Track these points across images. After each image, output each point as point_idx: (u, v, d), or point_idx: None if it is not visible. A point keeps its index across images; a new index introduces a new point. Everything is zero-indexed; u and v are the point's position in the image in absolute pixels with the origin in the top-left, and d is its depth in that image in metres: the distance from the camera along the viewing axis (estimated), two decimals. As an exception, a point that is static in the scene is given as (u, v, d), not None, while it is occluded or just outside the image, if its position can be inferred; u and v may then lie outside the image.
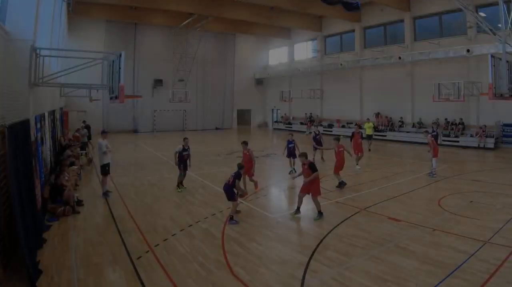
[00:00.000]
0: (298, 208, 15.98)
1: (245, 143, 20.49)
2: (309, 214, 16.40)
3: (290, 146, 25.51)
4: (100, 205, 18.24)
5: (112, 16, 51.19)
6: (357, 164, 25.83)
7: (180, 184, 20.47)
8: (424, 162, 28.12)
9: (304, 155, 16.16)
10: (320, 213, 15.70)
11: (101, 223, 15.48)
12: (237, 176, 15.60)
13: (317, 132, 29.63)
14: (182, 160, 20.03)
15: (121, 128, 57.63)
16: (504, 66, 21.62)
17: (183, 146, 19.89)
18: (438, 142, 29.00)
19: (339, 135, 26.59)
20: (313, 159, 28.35)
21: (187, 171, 20.87)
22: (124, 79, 16.51)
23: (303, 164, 15.90)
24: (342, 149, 21.67)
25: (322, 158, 29.68)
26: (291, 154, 26.16)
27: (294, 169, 24.62)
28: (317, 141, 28.86)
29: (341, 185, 21.24)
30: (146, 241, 13.20)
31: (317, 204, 15.81)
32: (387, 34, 49.53)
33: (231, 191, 15.35)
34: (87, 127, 34.13)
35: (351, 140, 26.51)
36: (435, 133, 30.73)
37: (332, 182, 22.12)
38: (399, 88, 47.19)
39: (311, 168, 15.50)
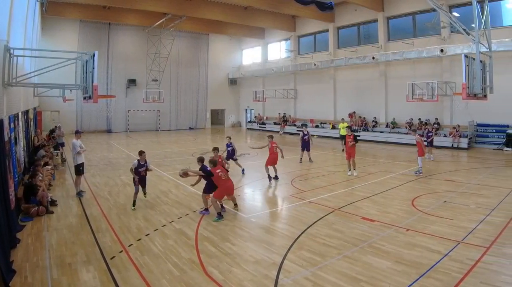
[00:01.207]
0: None
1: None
2: (283, 214, 16.71)
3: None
4: (74, 205, 18.15)
5: (85, 16, 50.58)
6: (349, 169, 24.86)
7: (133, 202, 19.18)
8: (398, 162, 28.33)
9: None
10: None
11: (75, 223, 15.32)
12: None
13: (306, 133, 29.46)
14: (140, 176, 18.22)
15: (95, 128, 58.01)
16: (478, 66, 21.86)
17: (138, 161, 18.08)
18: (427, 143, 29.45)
19: (272, 134, 26.40)
20: (301, 159, 28.51)
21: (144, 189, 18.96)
22: (97, 79, 16.72)
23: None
24: (275, 144, 22.78)
25: (309, 159, 29.60)
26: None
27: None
28: (305, 142, 28.91)
29: (271, 178, 22.49)
30: (119, 241, 13.18)
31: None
32: (361, 34, 49.54)
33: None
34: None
35: (344, 143, 25.99)
36: (431, 134, 30.95)
37: (305, 182, 22.43)
38: (373, 88, 47.34)
39: None
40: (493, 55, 24.60)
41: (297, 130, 50.40)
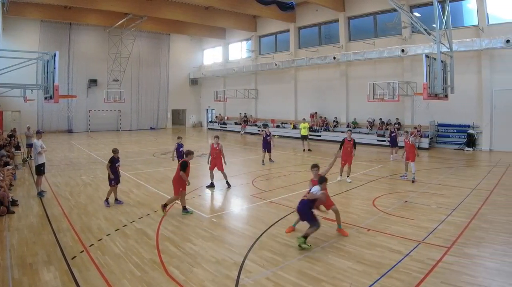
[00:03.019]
0: None
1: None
2: (245, 214, 16.68)
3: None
4: (35, 205, 17.86)
5: (46, 16, 49.99)
6: (340, 175, 23.51)
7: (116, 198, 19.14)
8: (359, 162, 28.22)
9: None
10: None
11: (35, 223, 15.09)
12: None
13: (268, 133, 29.23)
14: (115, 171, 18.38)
15: (56, 128, 57.63)
16: (439, 66, 21.90)
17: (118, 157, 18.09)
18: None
19: (218, 135, 26.17)
20: (263, 161, 28.26)
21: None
22: (58, 79, 17.04)
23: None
24: (217, 148, 21.87)
25: (270, 159, 29.33)
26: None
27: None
28: (267, 143, 28.69)
29: (212, 185, 21.58)
30: (80, 241, 13.00)
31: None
32: (322, 34, 49.68)
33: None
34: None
35: (340, 148, 23.84)
36: (394, 135, 30.90)
37: (266, 182, 22.52)
38: (334, 88, 47.50)
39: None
40: (454, 55, 24.69)
41: (258, 131, 50.50)
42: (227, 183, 21.49)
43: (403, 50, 36.15)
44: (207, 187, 21.36)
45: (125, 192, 20.08)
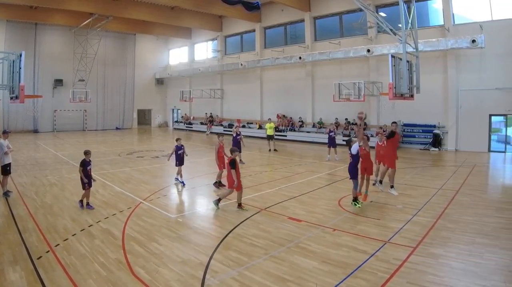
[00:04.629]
0: None
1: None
2: (210, 214, 16.48)
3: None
4: (0, 205, 17.65)
5: (12, 16, 49.66)
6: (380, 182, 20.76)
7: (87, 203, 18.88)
8: (325, 162, 28.34)
9: None
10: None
11: (1, 223, 14.93)
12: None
13: (238, 133, 28.98)
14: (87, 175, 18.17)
15: (22, 128, 56.87)
16: (405, 66, 21.98)
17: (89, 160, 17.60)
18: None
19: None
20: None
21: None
22: (24, 79, 17.16)
23: None
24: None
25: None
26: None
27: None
28: (237, 142, 28.27)
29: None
30: (46, 241, 12.87)
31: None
32: (287, 34, 49.81)
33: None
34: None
35: (383, 145, 20.60)
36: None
37: (224, 182, 22.10)
38: (299, 88, 47.64)
39: None
40: (420, 55, 24.88)
41: (224, 131, 50.50)
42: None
43: (369, 50, 36.32)
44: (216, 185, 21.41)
45: (91, 192, 19.74)
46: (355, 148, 16.27)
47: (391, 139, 19.40)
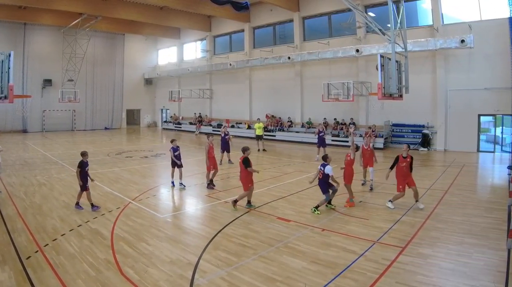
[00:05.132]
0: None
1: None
2: (199, 214, 16.80)
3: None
4: (-11, 205, 17.55)
5: (0, 16, 49.07)
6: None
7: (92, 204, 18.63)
8: (313, 162, 28.28)
9: None
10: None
11: None
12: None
13: (226, 133, 28.75)
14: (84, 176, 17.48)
15: (11, 128, 56.80)
16: (394, 66, 21.90)
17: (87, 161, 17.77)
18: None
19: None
20: (221, 161, 27.91)
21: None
22: (13, 79, 17.23)
23: None
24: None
25: (229, 160, 28.88)
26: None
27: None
28: (225, 143, 28.24)
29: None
30: (35, 240, 12.91)
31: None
32: (276, 34, 49.73)
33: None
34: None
35: (368, 149, 21.22)
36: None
37: (222, 182, 22.41)
38: (288, 88, 47.54)
39: None
40: (409, 55, 24.81)
41: (213, 131, 50.53)
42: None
43: (357, 50, 36.31)
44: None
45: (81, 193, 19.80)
46: (329, 168, 16.31)
47: (396, 164, 18.46)
